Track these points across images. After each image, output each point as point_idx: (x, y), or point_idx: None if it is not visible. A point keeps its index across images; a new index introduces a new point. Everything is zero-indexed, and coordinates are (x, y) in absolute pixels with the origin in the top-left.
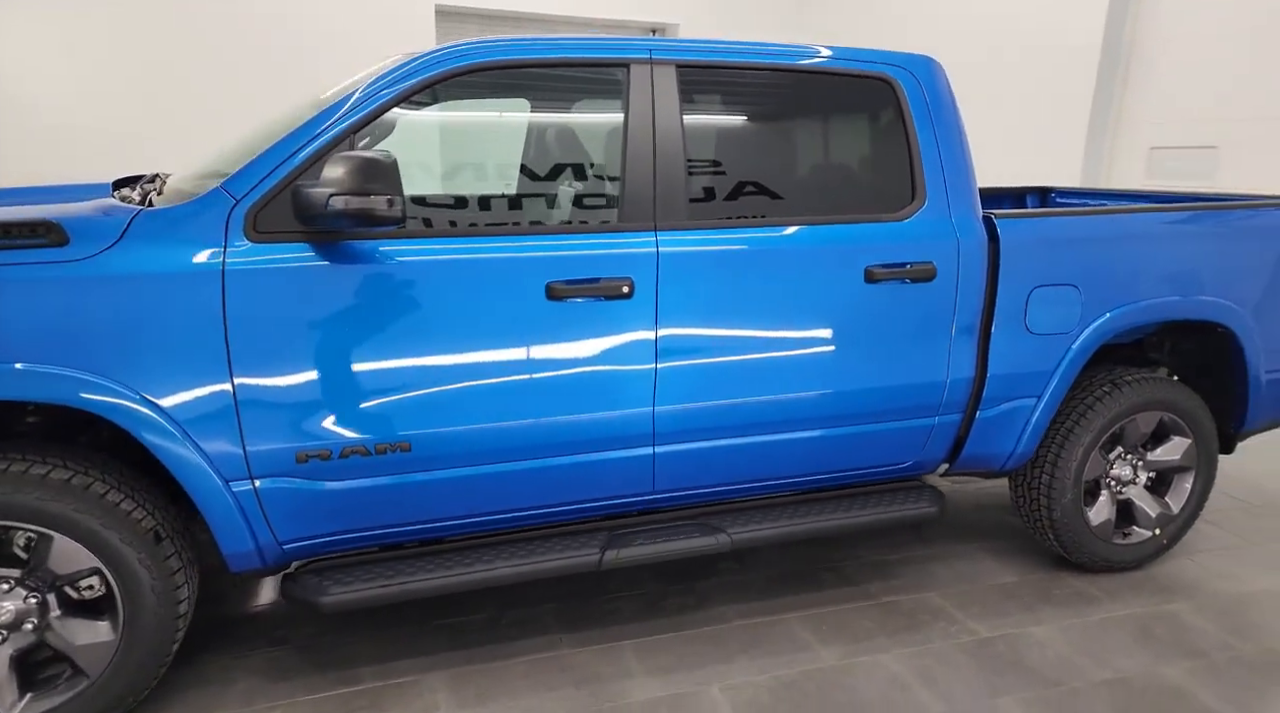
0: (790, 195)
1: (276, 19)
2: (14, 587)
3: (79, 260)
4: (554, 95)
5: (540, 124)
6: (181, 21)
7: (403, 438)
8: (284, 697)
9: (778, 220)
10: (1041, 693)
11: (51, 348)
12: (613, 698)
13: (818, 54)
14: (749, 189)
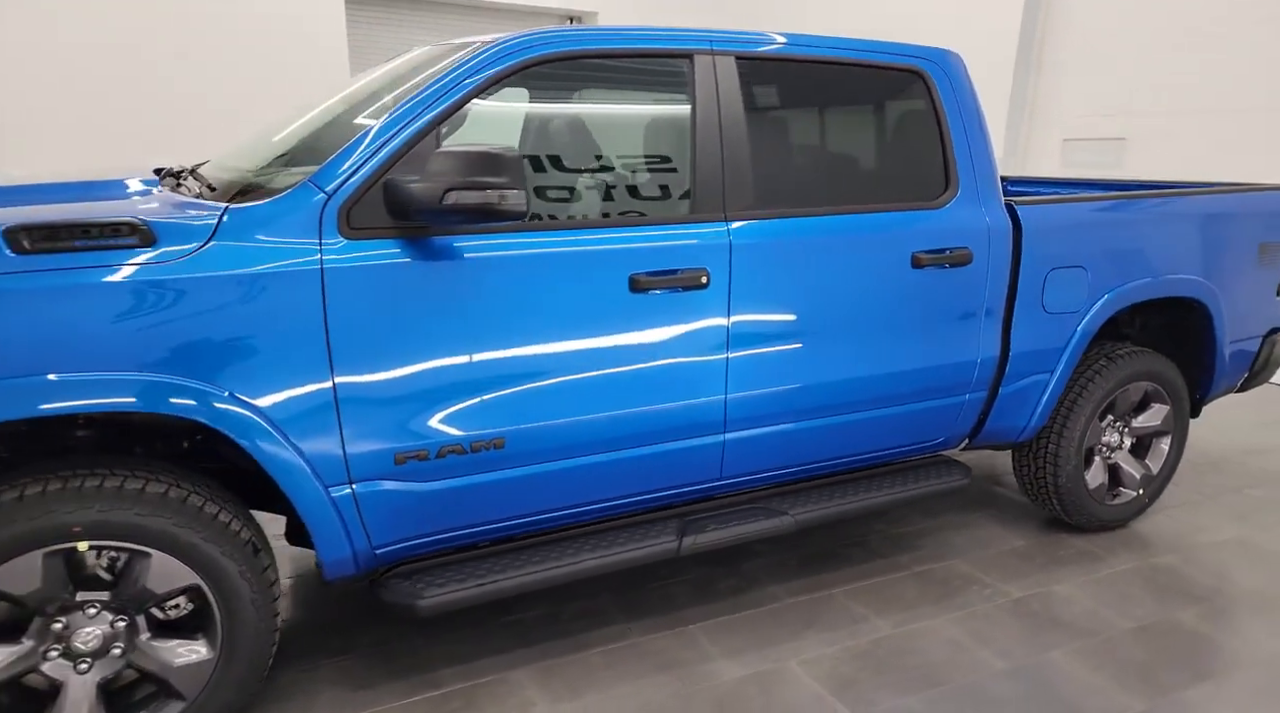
0: (839, 184)
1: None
2: (100, 611)
3: (170, 262)
4: (619, 87)
5: (609, 116)
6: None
7: (497, 435)
8: (372, 705)
9: (833, 209)
10: (1084, 644)
11: (141, 353)
12: (701, 680)
13: (855, 46)
14: (802, 178)
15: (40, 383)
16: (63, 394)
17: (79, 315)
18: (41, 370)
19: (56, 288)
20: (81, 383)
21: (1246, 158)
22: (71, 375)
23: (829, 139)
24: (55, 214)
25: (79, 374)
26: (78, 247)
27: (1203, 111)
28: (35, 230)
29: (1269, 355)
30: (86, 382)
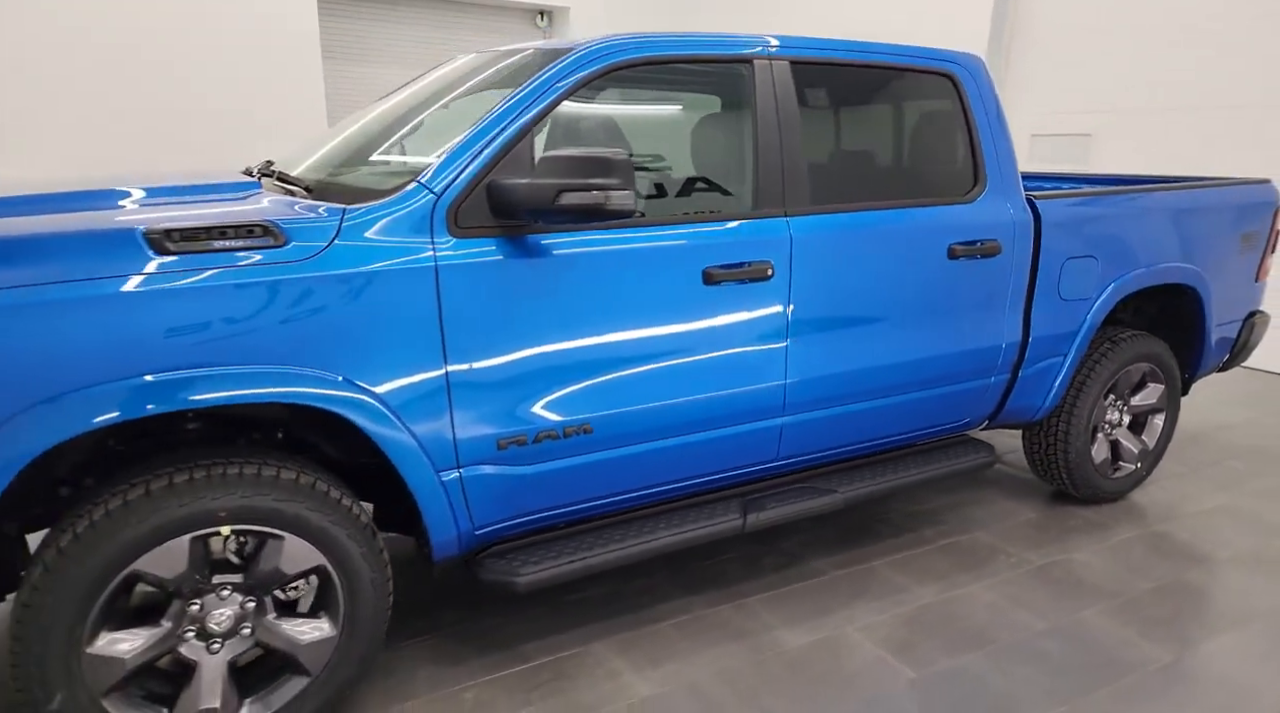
0: (881, 181)
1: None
2: (231, 593)
3: (300, 261)
4: (686, 89)
5: (675, 116)
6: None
7: (585, 420)
8: (468, 679)
9: (878, 204)
10: (1111, 604)
11: (277, 348)
12: (770, 648)
13: (890, 50)
14: (849, 174)
15: (192, 377)
16: (212, 387)
17: (219, 313)
18: (186, 366)
19: (198, 288)
20: (226, 377)
21: (1207, 153)
22: (217, 370)
23: (870, 138)
24: (191, 216)
25: (223, 369)
26: (216, 247)
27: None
28: (177, 232)
29: (1248, 337)
30: (231, 376)
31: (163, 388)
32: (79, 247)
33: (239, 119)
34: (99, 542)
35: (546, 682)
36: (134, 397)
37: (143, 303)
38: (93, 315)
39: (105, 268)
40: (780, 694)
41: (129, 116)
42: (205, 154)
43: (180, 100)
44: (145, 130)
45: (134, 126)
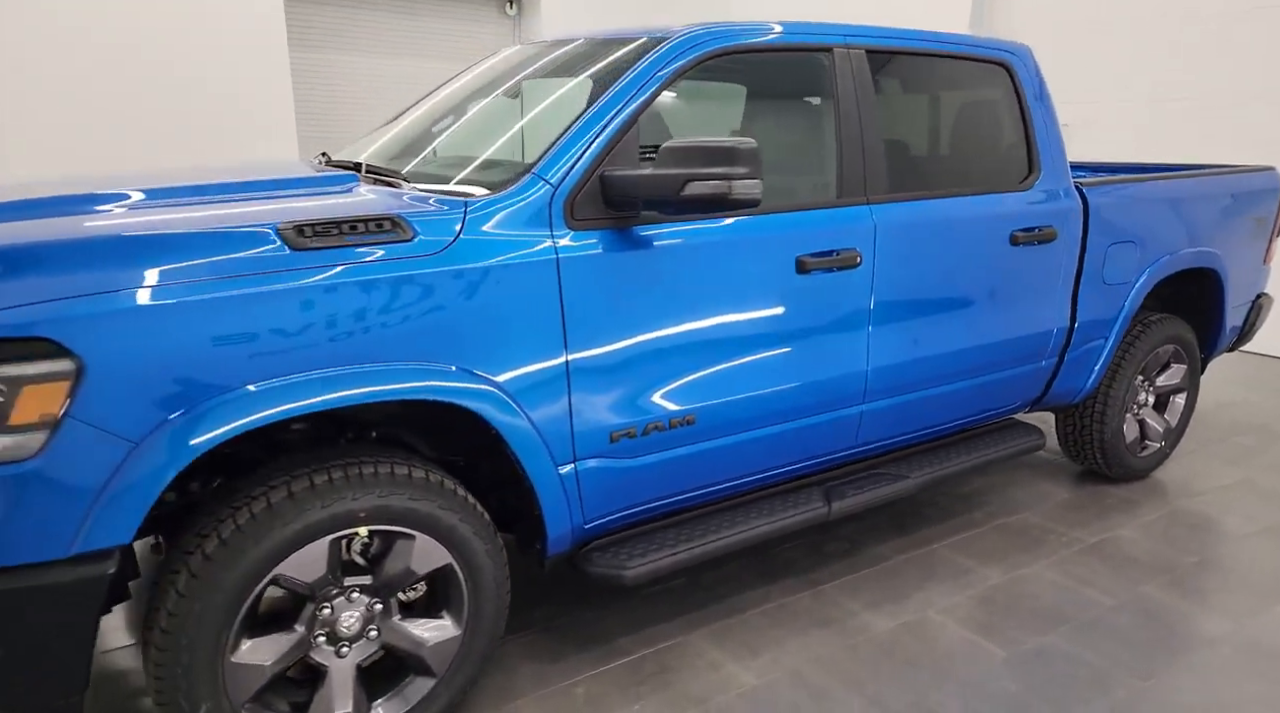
0: (945, 169)
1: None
2: (359, 595)
3: (429, 255)
4: (771, 78)
5: (763, 106)
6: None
7: (690, 411)
8: (575, 674)
9: (948, 192)
10: (1166, 578)
11: (409, 343)
12: (858, 633)
13: (950, 40)
14: (918, 163)
15: (331, 376)
16: (352, 384)
17: (352, 309)
18: (324, 365)
19: (333, 284)
20: (362, 375)
21: (1177, 142)
22: (352, 368)
23: (936, 126)
24: (319, 209)
25: (359, 366)
26: (349, 242)
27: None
28: (309, 227)
29: (1256, 318)
30: (367, 373)
31: (306, 387)
32: (217, 243)
33: (202, 108)
34: (245, 546)
35: (652, 674)
36: (280, 396)
37: (281, 300)
38: (234, 314)
39: (246, 266)
40: (881, 679)
41: (82, 108)
42: (167, 145)
43: (138, 89)
44: (101, 122)
45: (88, 118)
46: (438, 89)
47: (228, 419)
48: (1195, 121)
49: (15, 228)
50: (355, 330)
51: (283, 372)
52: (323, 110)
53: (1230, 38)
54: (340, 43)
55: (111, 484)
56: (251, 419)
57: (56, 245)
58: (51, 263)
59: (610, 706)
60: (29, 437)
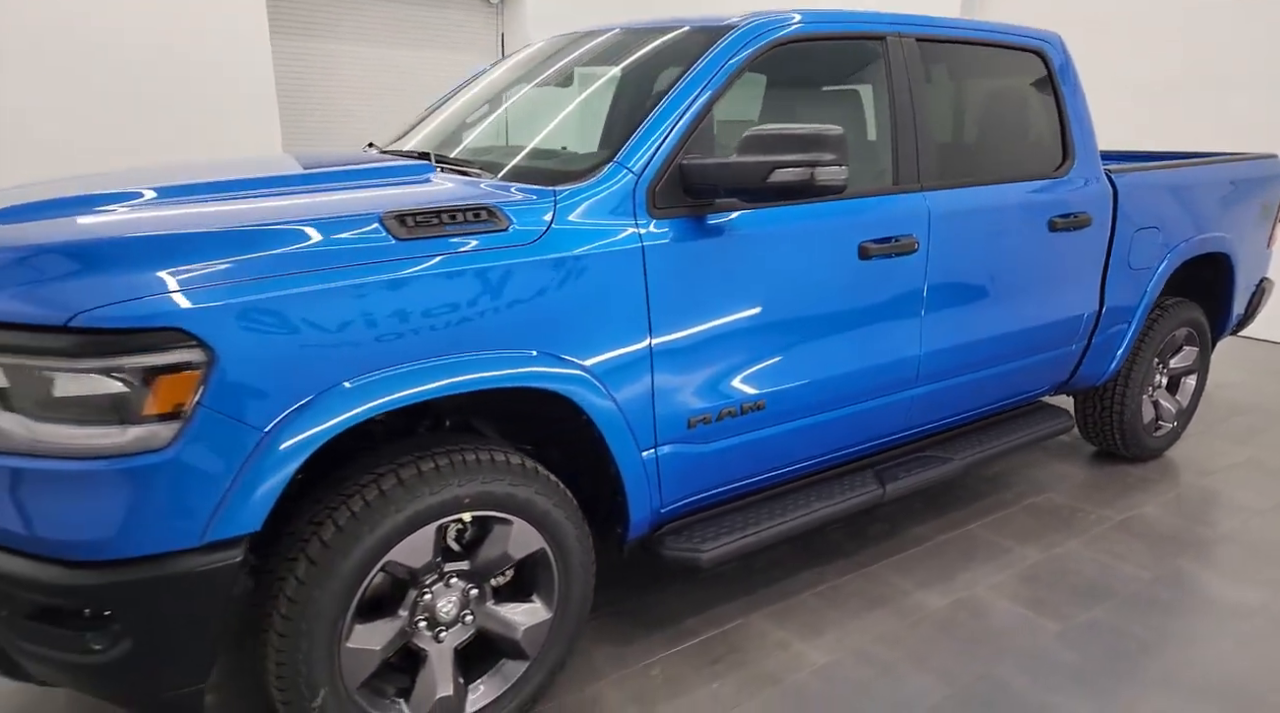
0: (988, 156)
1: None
2: (456, 580)
3: (525, 244)
4: (829, 66)
5: (823, 94)
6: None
7: (761, 396)
8: (649, 655)
9: (994, 178)
10: (1194, 552)
11: (504, 331)
12: (913, 611)
13: (989, 28)
14: (963, 150)
15: (445, 363)
16: (454, 372)
17: (454, 298)
18: (425, 354)
19: (435, 273)
20: (467, 362)
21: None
22: (451, 357)
23: (978, 114)
24: (416, 197)
25: (458, 356)
26: (448, 232)
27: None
28: (411, 216)
29: (1259, 301)
30: (471, 361)
31: (421, 375)
32: (328, 233)
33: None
34: (360, 533)
35: (724, 655)
36: (397, 384)
37: (391, 289)
38: (351, 303)
39: (358, 255)
40: (944, 654)
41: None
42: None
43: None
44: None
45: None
46: (476, 78)
47: (351, 406)
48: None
49: (124, 220)
50: (458, 319)
51: (394, 361)
52: (305, 98)
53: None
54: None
55: (242, 472)
56: (372, 406)
57: (185, 237)
58: (180, 254)
59: (688, 685)
60: (163, 427)
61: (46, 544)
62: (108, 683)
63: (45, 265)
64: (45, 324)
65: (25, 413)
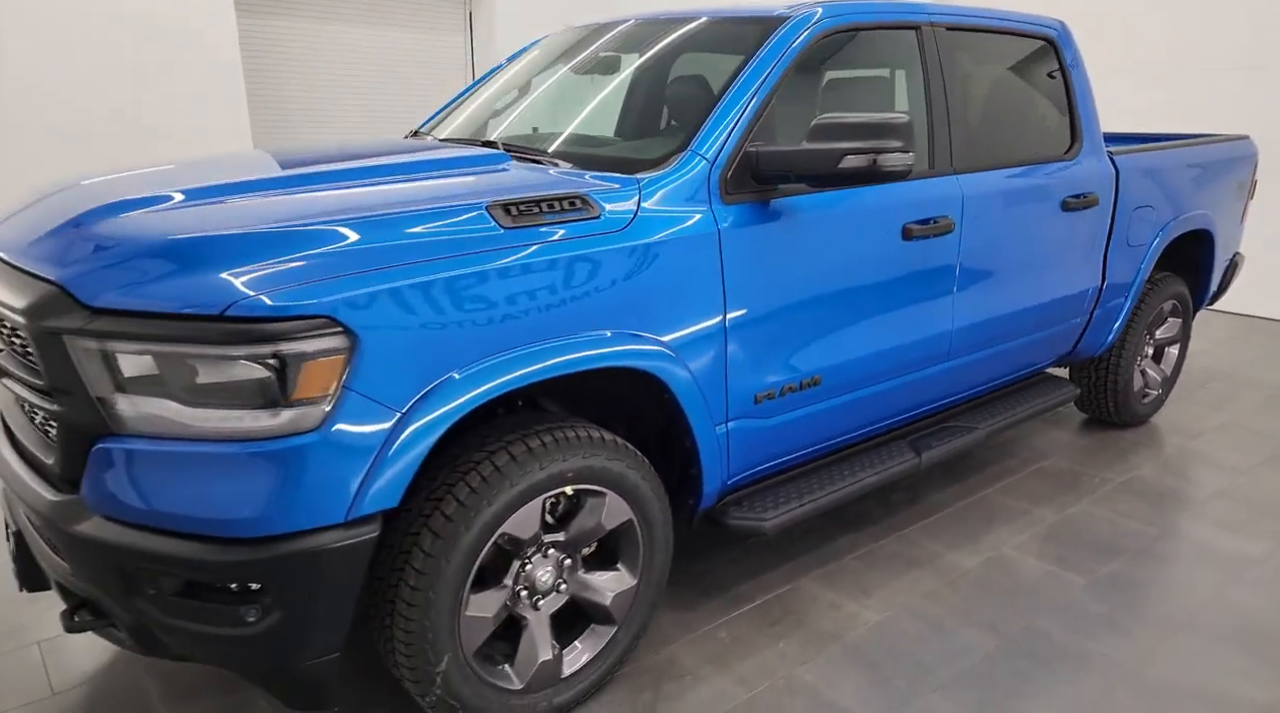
0: (1008, 139)
1: None
2: (552, 551)
3: (617, 231)
4: (865, 55)
5: (861, 81)
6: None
7: (818, 372)
8: (713, 620)
9: (1014, 161)
10: (1195, 507)
11: (597, 315)
12: (950, 571)
13: (1005, 17)
14: (986, 134)
15: (548, 346)
16: (561, 353)
17: (553, 284)
18: (534, 337)
19: (538, 261)
20: (567, 345)
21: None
22: (553, 341)
23: (998, 98)
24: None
25: (560, 340)
26: (547, 220)
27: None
28: (514, 206)
29: (1232, 275)
30: (570, 344)
31: (530, 357)
32: (444, 222)
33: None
34: (480, 506)
35: (781, 617)
36: (511, 366)
37: (502, 276)
38: (470, 290)
39: (472, 244)
40: (986, 609)
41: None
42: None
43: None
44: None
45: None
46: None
47: (476, 387)
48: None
49: (248, 212)
50: (561, 304)
51: (509, 345)
52: (273, 77)
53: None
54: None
55: (383, 451)
56: (493, 386)
57: (317, 227)
58: (317, 244)
59: (756, 645)
60: (312, 409)
61: (202, 523)
62: (253, 654)
63: (193, 257)
64: (200, 314)
65: (179, 400)
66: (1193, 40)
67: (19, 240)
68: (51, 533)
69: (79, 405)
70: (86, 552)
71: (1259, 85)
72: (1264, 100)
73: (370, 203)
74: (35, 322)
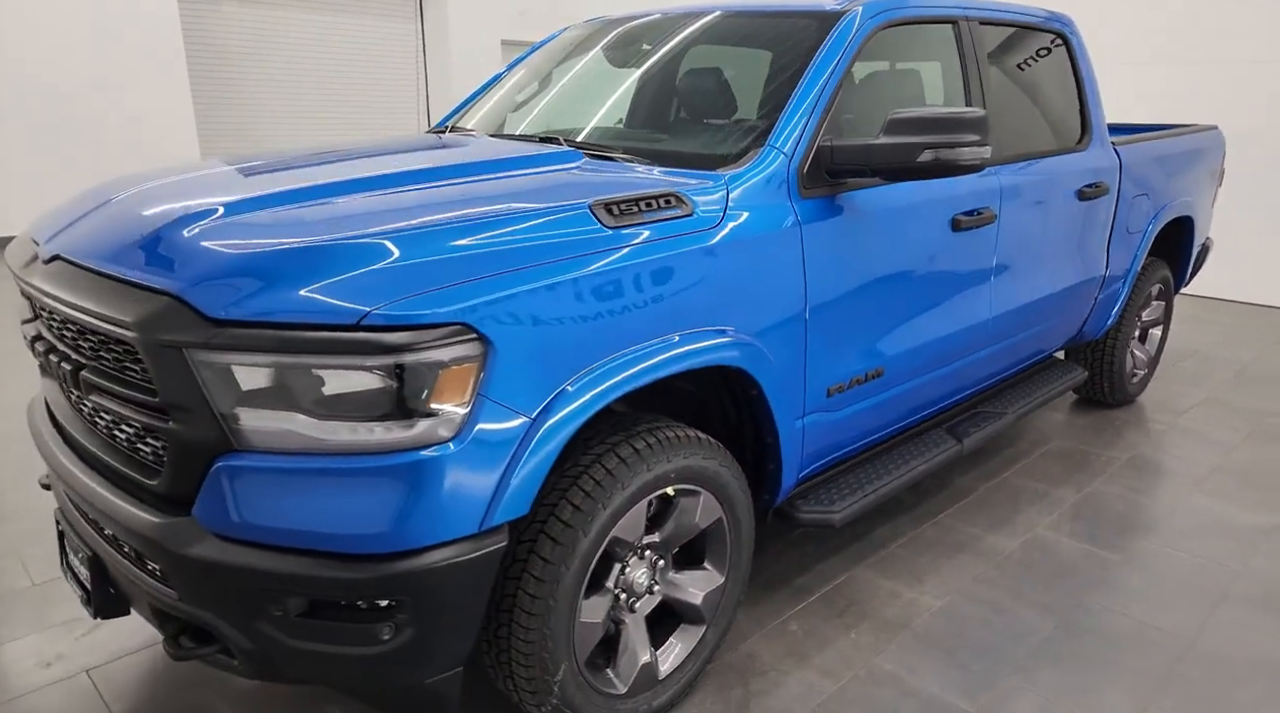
0: (1032, 131)
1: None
2: (647, 553)
3: (710, 228)
4: (911, 48)
5: (905, 74)
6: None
7: (881, 364)
8: (780, 613)
9: (1041, 152)
10: (1198, 482)
11: (697, 313)
12: (995, 554)
13: (1023, 11)
14: (1015, 126)
15: (658, 346)
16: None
17: (662, 281)
18: (647, 337)
19: (642, 260)
20: (671, 344)
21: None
22: (658, 341)
23: (1022, 91)
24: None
25: (669, 336)
26: (646, 219)
27: None
28: (614, 205)
29: (1204, 258)
30: (673, 342)
31: (641, 359)
32: (555, 224)
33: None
34: (595, 510)
35: (846, 607)
36: (626, 368)
37: (615, 276)
38: (589, 292)
39: (584, 245)
40: (1037, 589)
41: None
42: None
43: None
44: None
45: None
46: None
47: (597, 388)
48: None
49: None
50: (662, 303)
51: (623, 346)
52: (215, 60)
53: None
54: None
55: (516, 458)
56: (611, 387)
57: (436, 232)
58: (440, 249)
59: (828, 637)
60: (447, 419)
61: (334, 540)
62: (382, 673)
63: (320, 265)
64: (336, 323)
65: (309, 413)
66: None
67: (101, 247)
68: (157, 557)
69: (199, 422)
70: (202, 575)
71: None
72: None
73: (474, 203)
74: (151, 335)
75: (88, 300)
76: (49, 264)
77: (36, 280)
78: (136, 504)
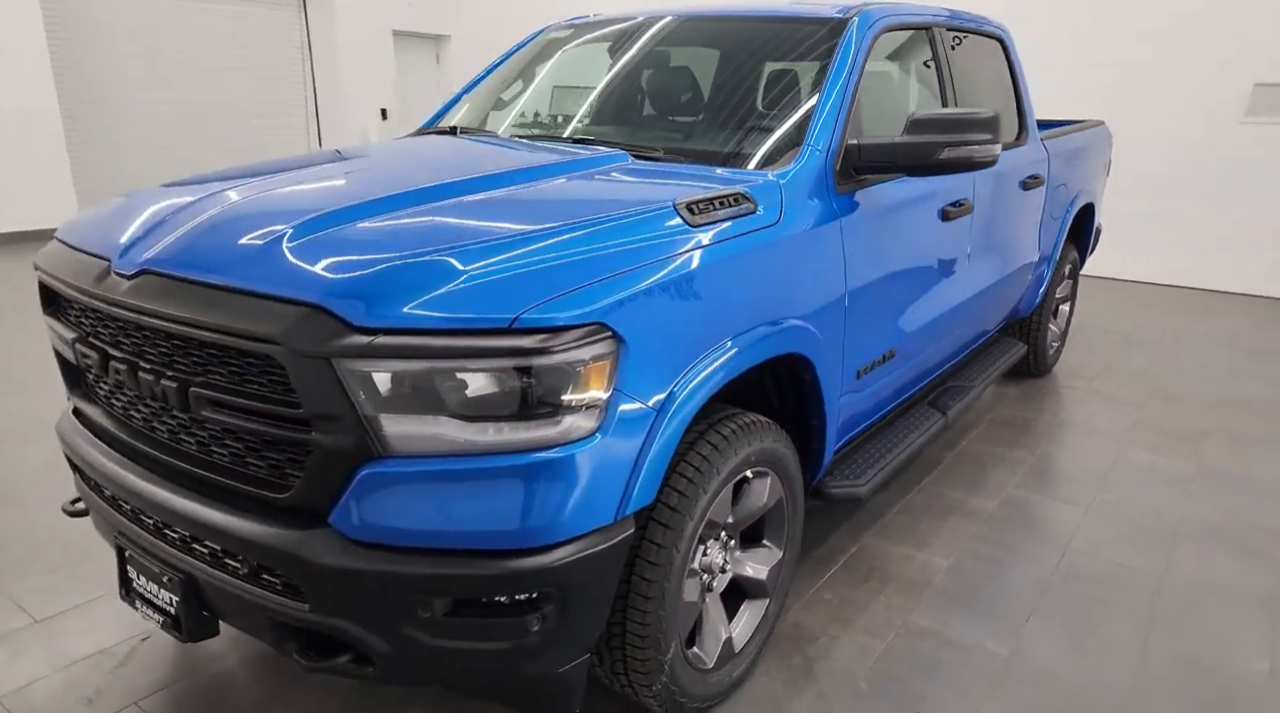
0: None
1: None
2: (721, 534)
3: (773, 224)
4: (897, 53)
5: (887, 76)
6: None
7: (895, 346)
8: (812, 584)
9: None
10: (1125, 436)
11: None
12: (980, 514)
13: (972, 18)
14: None
15: (747, 336)
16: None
17: (742, 276)
18: (736, 329)
19: (724, 256)
20: (752, 332)
21: None
22: (748, 329)
23: (977, 91)
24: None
25: (753, 326)
26: (721, 217)
27: None
28: (694, 204)
29: (1097, 241)
30: (754, 330)
31: (736, 349)
32: (645, 223)
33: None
34: (697, 495)
35: (869, 573)
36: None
37: (710, 272)
38: (695, 286)
39: (679, 244)
40: (1030, 543)
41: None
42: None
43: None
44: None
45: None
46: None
47: (706, 379)
48: None
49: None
50: (746, 294)
51: (719, 337)
52: (81, 54)
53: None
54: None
55: (645, 448)
56: (719, 377)
57: (553, 231)
58: (560, 248)
59: (861, 603)
60: (589, 414)
61: (483, 538)
62: (523, 664)
63: (459, 270)
64: (487, 327)
65: (456, 416)
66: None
67: (210, 259)
68: (291, 569)
69: (344, 431)
70: (345, 583)
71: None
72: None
73: (568, 207)
74: (297, 346)
75: (206, 314)
76: (136, 278)
77: (122, 296)
78: (254, 519)
